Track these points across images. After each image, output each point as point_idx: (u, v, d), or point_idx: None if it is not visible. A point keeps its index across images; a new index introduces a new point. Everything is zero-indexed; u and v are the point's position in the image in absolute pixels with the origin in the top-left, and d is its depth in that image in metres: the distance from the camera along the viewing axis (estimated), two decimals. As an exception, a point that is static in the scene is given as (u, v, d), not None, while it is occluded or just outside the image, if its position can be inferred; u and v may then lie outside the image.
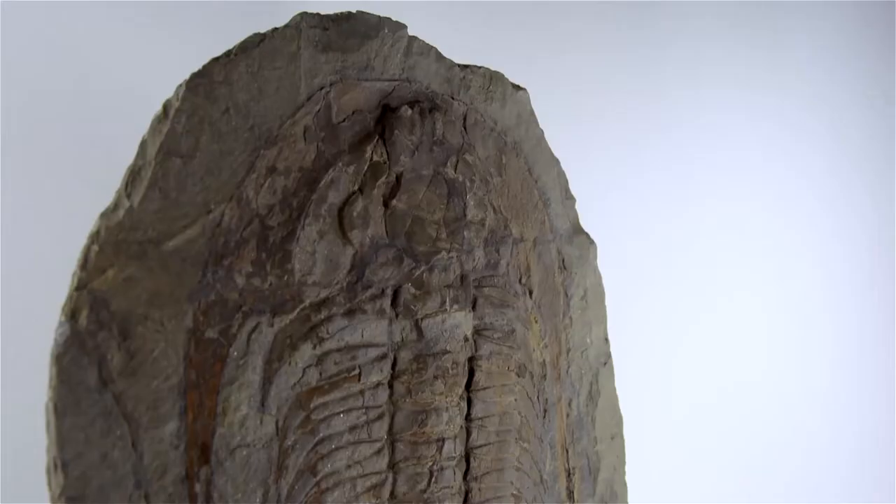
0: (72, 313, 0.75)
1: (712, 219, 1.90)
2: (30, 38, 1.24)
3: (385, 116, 0.92)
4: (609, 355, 1.20)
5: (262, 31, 0.88)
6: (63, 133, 1.25)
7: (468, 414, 0.97)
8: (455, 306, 0.95)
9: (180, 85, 0.83)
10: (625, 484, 1.22)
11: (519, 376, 1.02)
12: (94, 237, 0.78)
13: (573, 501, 1.12)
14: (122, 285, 0.77)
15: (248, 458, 0.82)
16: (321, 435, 0.86)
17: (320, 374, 0.86)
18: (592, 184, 1.40)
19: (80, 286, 0.76)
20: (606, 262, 1.21)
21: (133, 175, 0.81)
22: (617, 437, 1.20)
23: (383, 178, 0.91)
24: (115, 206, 0.80)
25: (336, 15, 0.91)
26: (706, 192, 1.89)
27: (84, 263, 0.77)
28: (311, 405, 0.86)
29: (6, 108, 1.20)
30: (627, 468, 1.22)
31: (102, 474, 0.74)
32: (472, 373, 0.97)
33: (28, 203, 1.22)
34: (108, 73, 1.29)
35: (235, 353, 0.82)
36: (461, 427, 0.97)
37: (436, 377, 0.93)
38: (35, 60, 1.24)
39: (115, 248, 0.78)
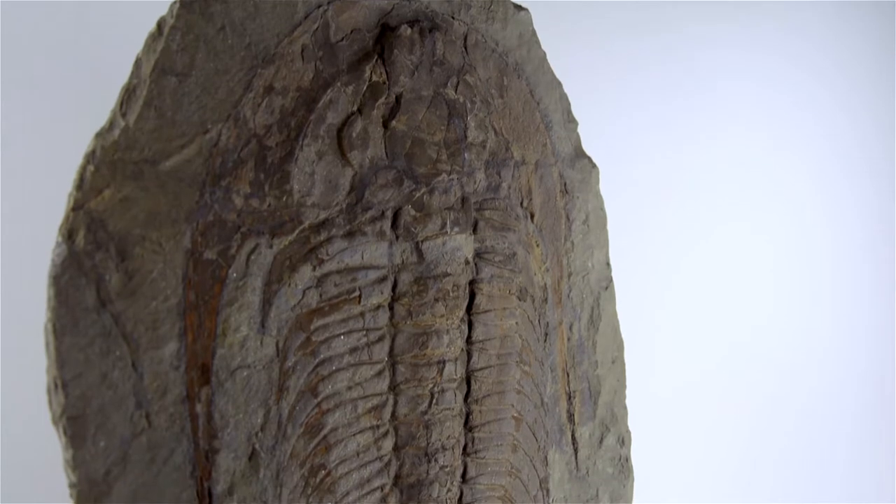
0: (68, 234, 0.74)
1: (716, 143, 1.88)
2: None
3: (384, 36, 0.91)
4: (610, 279, 1.19)
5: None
6: (59, 56, 1.24)
7: (469, 337, 0.97)
8: (456, 229, 0.94)
9: (174, 1, 0.81)
10: (625, 407, 1.22)
11: (520, 300, 1.01)
12: (90, 157, 0.76)
13: (573, 424, 1.12)
14: (118, 206, 0.76)
15: (249, 379, 0.82)
16: (322, 356, 0.86)
17: (320, 295, 0.86)
18: (595, 107, 1.38)
19: (77, 206, 0.75)
20: (608, 187, 1.20)
21: (128, 94, 0.79)
22: (617, 361, 1.21)
23: (382, 99, 0.90)
24: (111, 125, 0.78)
25: (333, -70, 0.89)
26: (709, 116, 1.87)
27: (80, 184, 0.76)
28: (312, 327, 0.85)
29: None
30: (628, 392, 1.23)
31: (103, 394, 0.74)
32: (472, 296, 0.97)
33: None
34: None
35: (234, 275, 0.81)
36: (462, 350, 0.97)
37: (436, 300, 0.93)
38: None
39: (111, 168, 0.76)
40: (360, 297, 0.88)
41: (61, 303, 0.73)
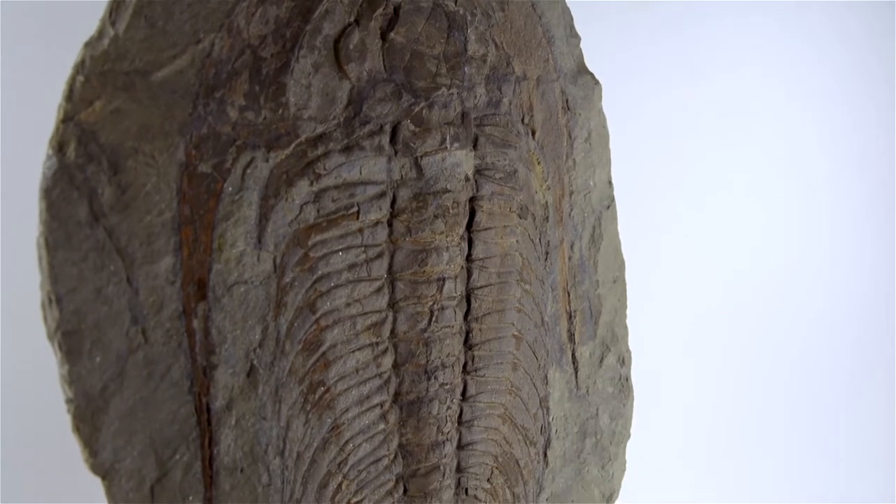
0: (59, 146, 0.73)
1: (722, 61, 1.85)
2: None
3: (382, -55, 0.88)
4: (612, 199, 1.18)
5: None
6: None
7: (469, 254, 0.96)
8: (455, 144, 0.92)
9: None
10: (626, 327, 1.22)
11: (521, 218, 1.00)
12: (79, 67, 0.74)
13: (574, 344, 1.12)
14: (110, 117, 0.74)
15: (246, 295, 0.81)
16: (320, 273, 0.85)
17: (318, 211, 0.85)
18: (597, 22, 1.35)
19: (67, 118, 0.73)
20: (611, 105, 1.18)
21: (117, 2, 0.77)
22: (619, 280, 1.20)
23: (380, 10, 0.87)
24: (100, 34, 0.76)
25: None
26: (716, 35, 1.84)
27: (69, 95, 0.73)
28: (309, 242, 0.84)
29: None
30: (628, 312, 1.22)
31: (98, 309, 0.73)
32: (472, 213, 0.96)
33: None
34: None
35: (230, 189, 0.79)
36: (462, 267, 0.96)
37: (436, 216, 0.92)
38: None
39: (101, 78, 0.74)
40: (358, 212, 0.87)
41: (53, 216, 0.71)
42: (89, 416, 0.72)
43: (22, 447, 1.34)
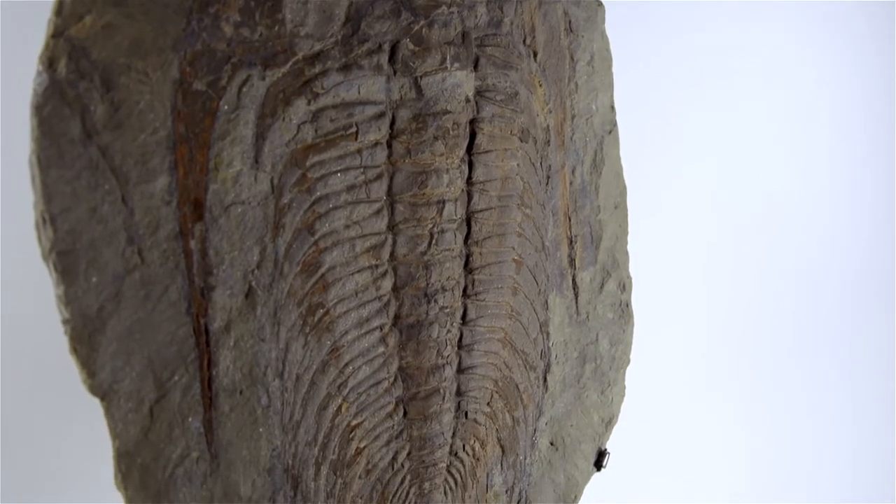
0: (49, 62, 0.70)
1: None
2: None
3: None
4: (614, 123, 1.16)
5: None
6: None
7: (469, 177, 0.95)
8: (456, 64, 0.90)
9: None
10: (626, 253, 1.21)
11: (522, 141, 0.98)
12: None
13: (574, 269, 1.11)
14: (101, 33, 0.72)
15: (244, 216, 0.80)
16: (318, 194, 0.84)
17: (315, 131, 0.83)
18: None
19: (57, 34, 0.71)
20: (614, 27, 1.16)
21: (106, -88, 0.74)
22: (620, 206, 1.19)
23: (379, -76, 0.85)
24: (89, -54, 0.73)
25: None
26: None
27: (59, 9, 0.71)
28: (307, 163, 0.83)
29: None
30: (630, 238, 1.22)
31: (93, 229, 0.72)
32: (473, 135, 0.94)
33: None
34: None
35: (226, 107, 0.78)
36: (462, 190, 0.94)
37: (436, 137, 0.90)
38: None
39: (91, -9, 0.72)
40: (356, 133, 0.85)
41: (45, 133, 0.70)
42: (86, 337, 0.72)
43: (22, 447, 1.34)
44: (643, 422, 1.71)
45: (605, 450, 1.19)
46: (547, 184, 1.04)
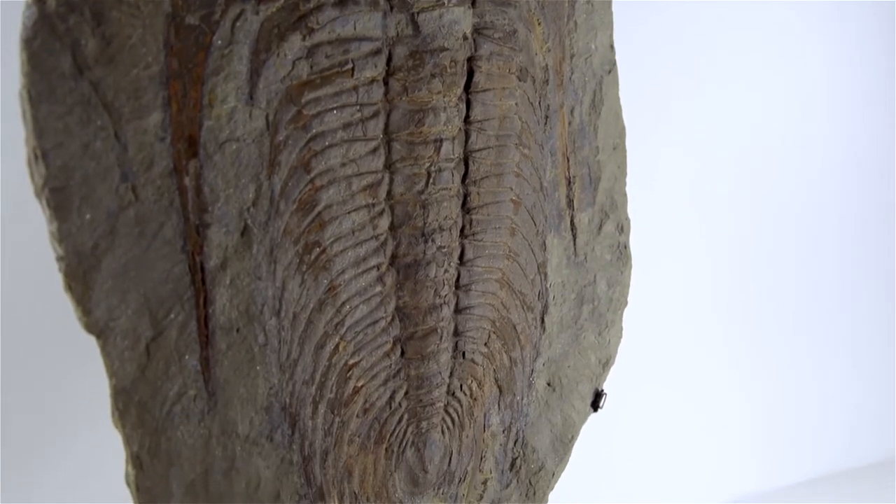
0: (38, -6, 0.69)
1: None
2: None
3: None
4: (614, 63, 1.15)
5: None
6: None
7: (467, 116, 0.93)
8: (453, 1, 0.89)
9: None
10: (625, 194, 1.20)
11: (520, 80, 0.97)
12: None
13: (573, 210, 1.11)
14: (90, -35, 0.71)
15: (239, 153, 0.79)
16: (314, 131, 0.82)
17: (311, 67, 0.81)
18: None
19: None
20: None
21: None
22: (619, 147, 1.18)
23: None
24: None
25: None
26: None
27: None
28: (303, 100, 0.81)
29: None
30: (628, 179, 1.21)
31: (86, 165, 0.71)
32: (471, 74, 0.92)
33: None
34: None
35: (220, 42, 0.76)
36: (459, 129, 0.93)
37: (433, 75, 0.89)
38: None
39: (78, -80, 0.70)
40: (352, 69, 0.84)
41: (35, 68, 0.69)
42: (81, 275, 0.71)
43: (22, 447, 1.34)
44: (640, 363, 1.72)
45: (602, 391, 1.19)
46: (545, 124, 1.03)
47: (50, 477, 1.35)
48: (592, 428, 1.21)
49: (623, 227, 1.20)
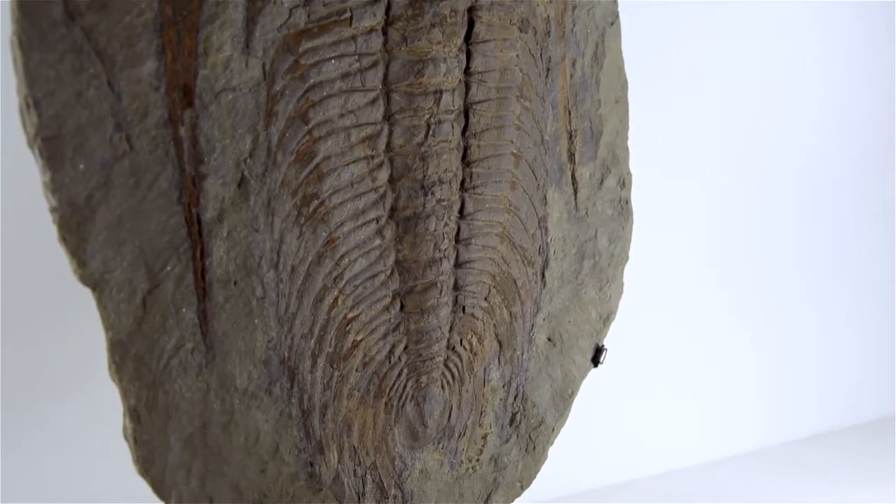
0: (28, -62, 0.67)
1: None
2: None
3: None
4: (616, 15, 1.13)
5: None
6: None
7: (467, 67, 0.92)
8: (453, -51, 0.87)
9: None
10: (627, 149, 1.19)
11: (521, 31, 0.96)
12: None
13: (574, 164, 1.09)
14: None
15: (235, 103, 0.77)
16: (311, 81, 0.81)
17: (308, 15, 0.80)
18: None
19: None
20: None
21: None
22: (621, 100, 1.16)
23: None
24: None
25: None
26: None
27: None
28: (300, 49, 0.80)
29: None
30: (630, 133, 1.19)
31: (78, 114, 0.69)
32: (471, 24, 0.91)
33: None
34: None
35: (214, -11, 0.75)
36: (460, 81, 0.92)
37: (433, 25, 0.87)
38: None
39: None
40: (351, 18, 0.82)
41: (25, 14, 0.67)
42: (75, 226, 0.70)
43: (22, 447, 1.34)
44: (641, 319, 1.71)
45: (603, 346, 1.19)
46: (546, 76, 1.02)
47: (48, 430, 1.34)
48: (593, 383, 1.21)
49: (625, 182, 1.19)
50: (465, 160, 0.94)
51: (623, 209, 1.18)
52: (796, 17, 1.97)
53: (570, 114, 1.07)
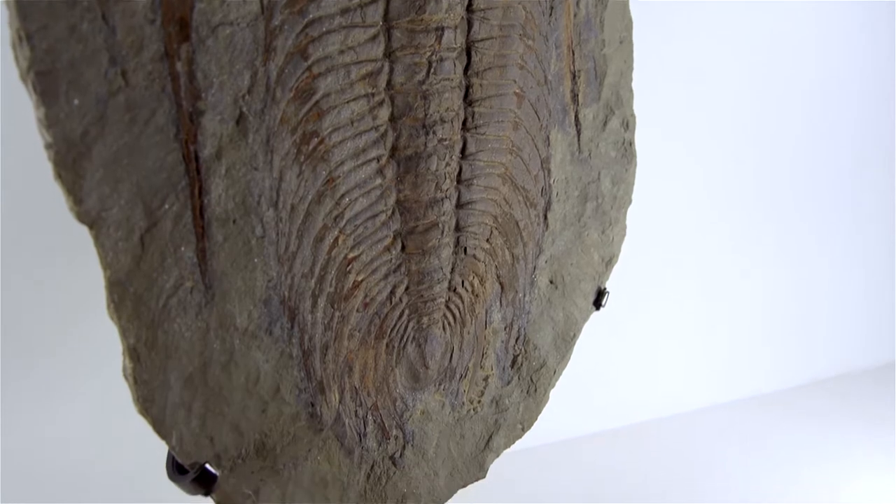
0: None
1: None
2: None
3: None
4: (621, -47, 1.11)
5: None
6: None
7: (469, 4, 0.90)
8: None
9: None
10: (631, 90, 1.17)
11: (524, -33, 0.94)
12: None
13: (577, 105, 1.08)
14: None
15: (232, 38, 0.75)
16: (311, 16, 0.79)
17: (307, -53, 0.78)
18: None
19: None
20: None
21: None
22: (626, 41, 1.14)
23: None
24: None
25: None
26: None
27: None
28: (298, -18, 0.78)
29: None
30: (634, 75, 1.18)
31: (72, 48, 0.68)
32: (474, -40, 0.89)
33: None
34: None
35: (210, -81, 0.73)
36: (462, 18, 0.90)
37: (434, -40, 0.85)
38: None
39: None
40: (348, -48, 0.80)
41: (17, -56, 0.65)
42: (71, 162, 0.69)
43: (22, 447, 1.34)
44: (644, 262, 1.71)
45: (605, 289, 1.18)
46: (550, 15, 1.00)
47: (48, 369, 1.35)
48: (594, 326, 1.21)
49: (628, 124, 1.17)
50: (467, 99, 0.93)
51: (627, 151, 1.17)
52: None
53: (573, 54, 1.05)
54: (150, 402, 0.75)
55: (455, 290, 0.97)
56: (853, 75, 2.09)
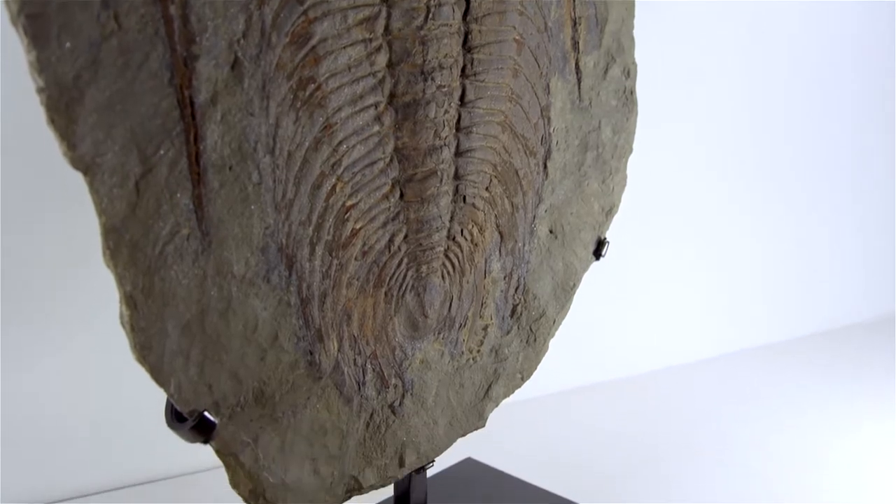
0: None
1: None
2: None
3: None
4: None
5: None
6: None
7: (468, -51, 0.89)
8: None
9: None
10: (632, 38, 1.16)
11: None
12: None
13: (578, 52, 1.07)
14: None
15: (226, -21, 0.74)
16: (306, -41, 0.78)
17: None
18: None
19: None
20: None
21: None
22: (626, -13, 1.13)
23: None
24: None
25: None
26: None
27: None
28: (291, -74, 0.76)
29: None
30: (636, 22, 1.16)
31: (64, -8, 0.66)
32: None
33: None
34: None
35: None
36: (460, -38, 0.88)
37: None
38: None
39: None
40: None
41: None
42: (63, 107, 0.67)
43: (22, 447, 1.33)
44: (644, 212, 1.70)
45: (605, 239, 1.17)
46: (550, -40, 0.98)
47: (46, 317, 1.35)
48: (594, 276, 1.21)
49: (630, 72, 1.16)
50: (466, 45, 0.92)
51: (628, 100, 1.16)
52: None
53: (573, 0, 1.03)
54: (148, 350, 0.75)
55: (454, 238, 0.96)
56: (855, 40, 2.07)
